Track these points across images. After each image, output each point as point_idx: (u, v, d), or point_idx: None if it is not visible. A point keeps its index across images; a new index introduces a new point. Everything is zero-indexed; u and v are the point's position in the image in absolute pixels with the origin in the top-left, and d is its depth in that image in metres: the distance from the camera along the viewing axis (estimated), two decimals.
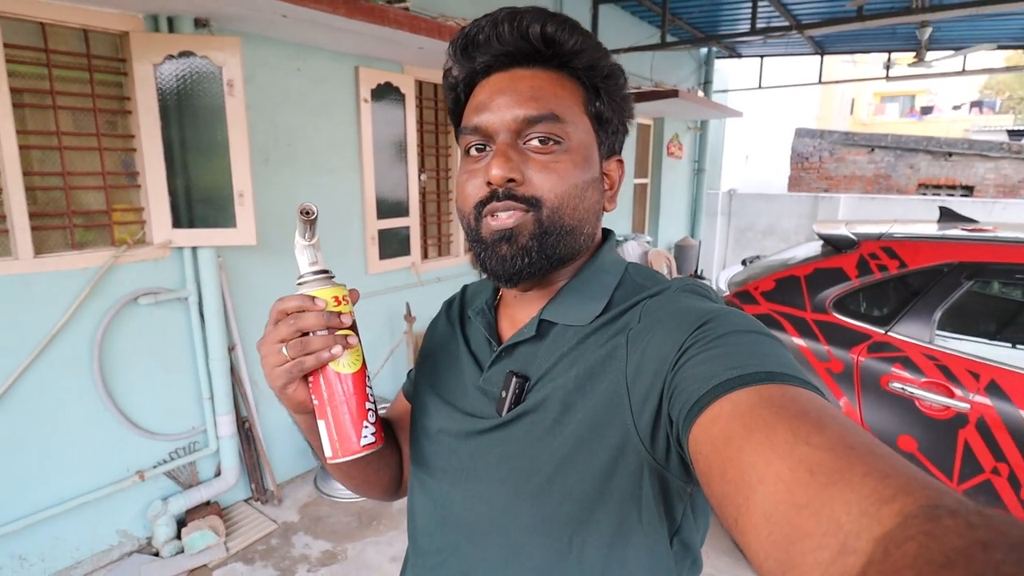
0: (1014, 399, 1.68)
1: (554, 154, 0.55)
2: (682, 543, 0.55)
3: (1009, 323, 2.09)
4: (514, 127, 0.55)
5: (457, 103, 0.62)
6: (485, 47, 0.57)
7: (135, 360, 2.25)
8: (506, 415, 0.57)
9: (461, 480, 0.60)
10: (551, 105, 0.55)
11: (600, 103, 0.59)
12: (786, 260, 2.37)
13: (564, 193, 0.55)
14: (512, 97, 0.55)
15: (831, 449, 0.32)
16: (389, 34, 2.45)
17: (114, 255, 2.13)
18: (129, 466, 2.26)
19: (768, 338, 0.47)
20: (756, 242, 7.70)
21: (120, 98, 2.16)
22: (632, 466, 0.50)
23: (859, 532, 0.27)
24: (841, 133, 9.59)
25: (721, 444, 0.38)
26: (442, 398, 0.65)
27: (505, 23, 0.55)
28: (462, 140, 0.59)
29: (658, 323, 0.52)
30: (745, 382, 0.40)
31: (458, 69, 0.60)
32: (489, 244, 0.56)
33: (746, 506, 0.34)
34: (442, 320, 0.74)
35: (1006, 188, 8.02)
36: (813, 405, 0.37)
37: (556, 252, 0.56)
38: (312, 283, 0.56)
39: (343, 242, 2.98)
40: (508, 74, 0.57)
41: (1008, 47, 5.93)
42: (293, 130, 2.67)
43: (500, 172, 0.54)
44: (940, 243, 1.95)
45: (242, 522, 2.53)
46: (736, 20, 5.39)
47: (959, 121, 20.47)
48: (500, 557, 0.56)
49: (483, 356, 0.65)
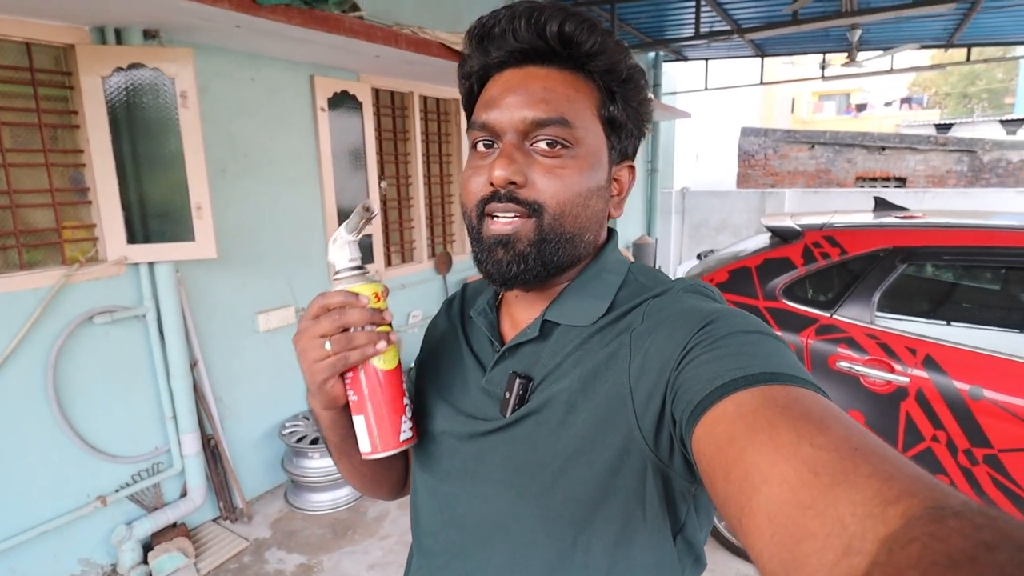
0: (948, 371, 1.82)
1: (561, 159, 0.54)
2: (685, 541, 0.55)
3: (943, 302, 2.26)
4: (522, 128, 0.54)
5: (470, 93, 0.61)
6: (500, 41, 0.55)
7: (92, 381, 2.18)
8: (510, 416, 0.56)
9: (465, 481, 0.60)
10: (562, 108, 0.54)
11: (614, 107, 0.57)
12: (738, 252, 2.49)
13: (567, 200, 0.54)
14: (523, 97, 0.54)
15: (835, 450, 0.32)
16: (345, 43, 2.46)
17: (66, 274, 2.06)
18: (90, 491, 2.18)
19: (771, 338, 0.47)
20: (710, 237, 7.96)
21: (67, 112, 2.10)
22: (636, 466, 0.51)
23: (863, 533, 0.27)
24: (784, 131, 10.02)
25: (725, 444, 0.38)
26: (445, 399, 0.64)
27: (523, 18, 0.53)
28: (470, 134, 0.59)
29: (661, 323, 0.52)
30: (749, 383, 0.40)
31: (473, 59, 0.58)
32: (487, 246, 0.56)
33: (750, 507, 0.34)
34: (442, 320, 0.74)
35: (935, 178, 8.55)
36: (817, 406, 0.37)
37: (554, 259, 0.56)
38: (352, 278, 0.56)
39: (305, 252, 2.96)
40: (522, 71, 0.56)
41: (931, 46, 6.34)
42: (250, 140, 2.64)
43: (503, 173, 0.53)
44: (875, 230, 2.09)
45: (212, 542, 2.47)
46: (681, 25, 5.59)
47: (891, 117, 21.68)
48: (505, 557, 0.56)
49: (485, 356, 0.64)
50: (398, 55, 2.75)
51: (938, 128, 14.31)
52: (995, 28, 5.59)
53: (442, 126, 3.93)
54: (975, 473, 1.80)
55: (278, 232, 2.81)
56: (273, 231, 2.78)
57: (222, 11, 1.95)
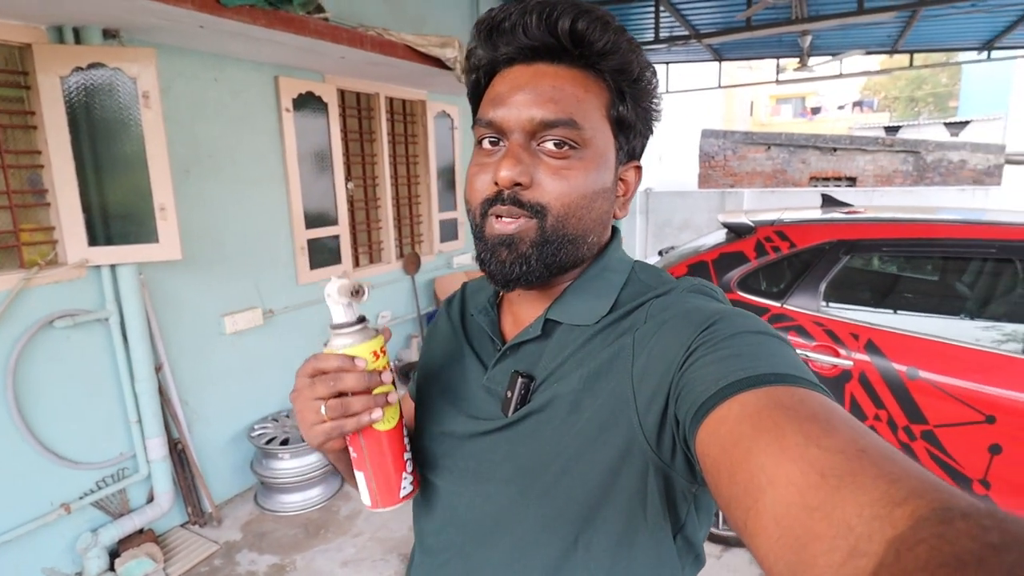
0: (888, 354, 1.96)
1: (568, 160, 0.53)
2: (685, 540, 0.55)
3: (883, 291, 2.41)
4: (529, 128, 0.53)
5: (477, 86, 0.60)
6: (510, 37, 0.54)
7: (54, 386, 2.14)
8: (512, 415, 0.56)
9: (467, 480, 0.59)
10: (571, 109, 0.53)
11: (624, 107, 0.56)
12: (696, 248, 2.60)
13: (572, 203, 0.54)
14: (531, 96, 0.53)
15: (842, 452, 0.32)
16: (310, 44, 2.47)
17: (24, 278, 2.03)
18: (53, 499, 2.14)
19: (775, 339, 0.46)
20: (673, 236, 8.17)
21: (24, 112, 2.06)
22: (638, 466, 0.50)
23: (871, 535, 0.27)
24: (742, 133, 10.34)
25: (729, 446, 0.38)
26: (446, 399, 0.64)
27: (534, 14, 0.52)
28: (476, 131, 0.57)
29: (665, 323, 0.51)
30: (753, 383, 0.40)
31: (480, 53, 0.57)
32: (490, 246, 0.55)
33: (755, 508, 0.34)
34: (443, 319, 0.73)
35: (883, 177, 8.97)
36: (823, 407, 0.37)
37: (555, 260, 0.55)
38: (349, 335, 0.53)
39: (272, 253, 2.95)
40: (531, 69, 0.54)
41: (876, 52, 6.66)
42: (214, 141, 2.63)
43: (508, 174, 0.52)
44: (821, 225, 2.23)
45: (180, 547, 2.45)
46: (642, 30, 5.74)
47: (844, 120, 22.54)
48: (507, 556, 0.56)
49: (486, 355, 0.64)
50: (364, 56, 2.78)
51: (887, 130, 14.95)
52: (934, 36, 5.93)
53: (408, 127, 3.96)
54: (914, 448, 1.93)
55: (244, 233, 2.79)
56: (239, 232, 2.77)
57: (186, 11, 1.95)
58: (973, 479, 1.88)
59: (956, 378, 1.88)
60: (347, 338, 0.53)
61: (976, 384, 1.87)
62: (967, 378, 1.88)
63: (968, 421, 1.86)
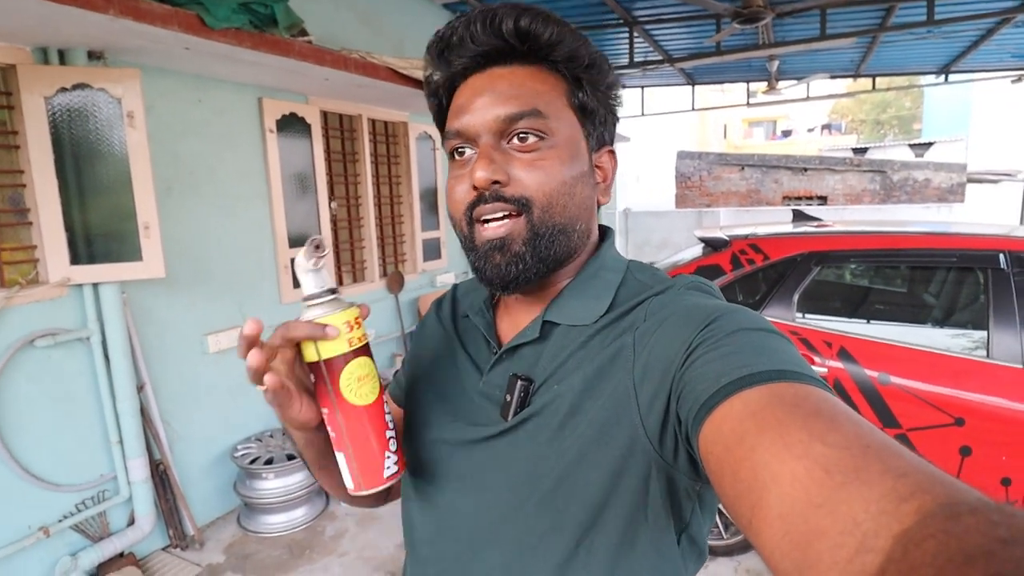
0: (860, 361, 2.03)
1: (539, 151, 0.54)
2: (690, 539, 0.55)
3: (854, 300, 2.51)
4: (495, 127, 0.54)
5: (440, 108, 0.61)
6: (460, 49, 0.56)
7: (34, 406, 2.11)
8: (512, 420, 0.55)
9: (465, 488, 0.58)
10: (532, 101, 0.54)
11: (583, 94, 0.57)
12: (675, 262, 2.68)
13: (553, 191, 0.54)
14: (491, 97, 0.54)
15: (847, 447, 0.32)
16: (294, 66, 2.52)
17: (5, 296, 2.01)
18: (31, 522, 2.09)
19: (776, 335, 0.46)
20: (653, 255, 8.32)
21: (7, 132, 2.07)
22: (640, 466, 0.50)
23: (877, 530, 0.27)
24: (716, 154, 10.64)
25: (733, 443, 0.37)
26: (440, 404, 0.63)
27: (477, 22, 0.54)
28: (446, 144, 0.58)
29: (665, 322, 0.51)
30: (755, 380, 0.40)
31: (437, 74, 0.59)
32: (482, 253, 0.56)
33: (760, 506, 0.33)
34: (432, 322, 0.72)
35: (852, 196, 9.28)
36: (826, 403, 0.37)
37: (550, 253, 0.55)
38: (319, 307, 0.53)
39: (255, 272, 2.95)
40: (486, 74, 0.56)
41: (840, 76, 6.96)
42: (196, 160, 2.64)
43: (484, 174, 0.53)
44: (793, 237, 2.32)
45: (162, 570, 2.40)
46: (617, 54, 5.92)
47: (813, 142, 23.30)
48: (506, 563, 0.55)
49: (481, 358, 0.63)
50: (347, 78, 2.83)
51: (855, 152, 15.48)
52: (894, 60, 6.22)
53: (391, 148, 4.01)
54: None
55: (227, 252, 2.80)
56: (222, 251, 2.77)
57: (173, 33, 1.99)
58: None
59: (926, 383, 1.97)
60: (318, 309, 0.52)
61: (945, 388, 1.95)
62: (936, 382, 1.96)
63: (938, 424, 1.94)
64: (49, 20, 1.81)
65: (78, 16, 1.77)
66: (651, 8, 4.37)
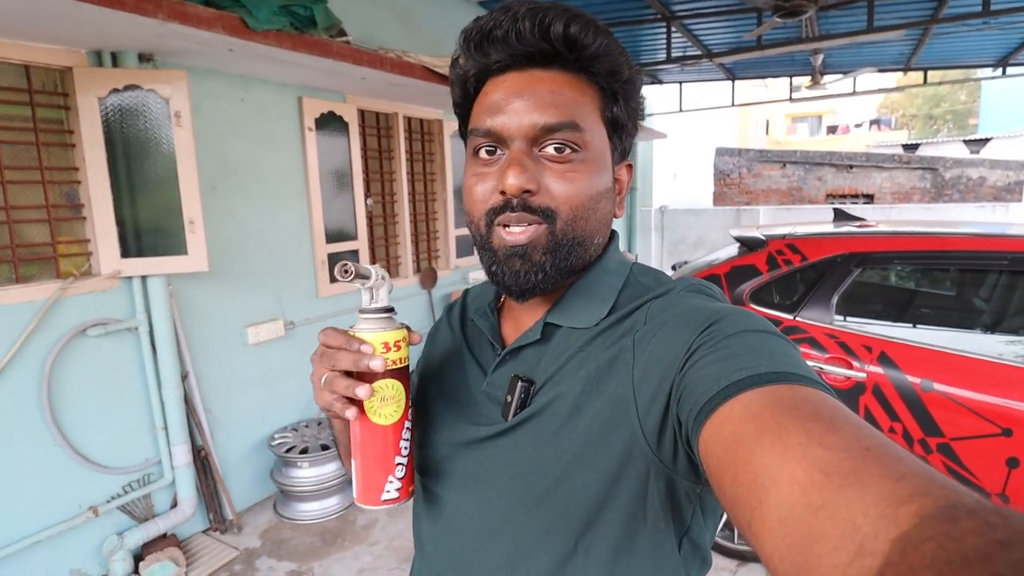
0: (901, 366, 1.96)
1: (571, 163, 0.53)
2: (692, 543, 0.55)
3: (896, 303, 2.42)
4: (531, 134, 0.53)
5: (465, 97, 0.59)
6: (502, 44, 0.53)
7: (85, 393, 2.22)
8: (512, 420, 0.56)
9: (468, 486, 0.59)
10: (571, 112, 0.53)
11: (617, 108, 0.57)
12: (709, 262, 2.63)
13: (579, 205, 0.54)
14: (530, 102, 0.53)
15: (846, 450, 0.32)
16: (332, 66, 2.58)
17: (61, 287, 2.12)
18: (81, 502, 2.21)
19: (777, 338, 0.46)
20: (688, 254, 8.17)
21: (63, 131, 2.18)
22: (639, 469, 0.50)
23: (876, 533, 0.27)
24: (756, 151, 10.37)
25: (733, 446, 0.37)
26: (447, 405, 0.64)
27: (526, 20, 0.52)
28: (471, 141, 0.57)
29: (665, 324, 0.51)
30: (755, 383, 0.40)
31: (469, 62, 0.57)
32: (501, 258, 0.55)
33: (760, 509, 0.33)
34: (443, 325, 0.73)
35: (900, 195, 8.91)
36: (825, 406, 0.37)
37: (568, 264, 0.55)
38: (367, 321, 0.55)
39: (293, 267, 3.04)
40: (525, 75, 0.54)
41: (889, 70, 6.68)
42: (239, 159, 2.73)
43: (517, 182, 0.52)
44: (833, 238, 2.25)
45: (202, 552, 2.50)
46: (655, 50, 5.83)
47: (862, 138, 22.43)
48: (506, 561, 0.56)
49: (486, 360, 0.63)
50: (383, 77, 2.88)
51: (905, 148, 14.83)
52: (948, 53, 5.94)
53: (426, 145, 4.06)
54: (930, 461, 1.92)
55: (267, 247, 2.89)
56: (262, 246, 2.86)
57: (216, 35, 2.06)
58: (992, 493, 1.86)
59: (971, 391, 1.88)
60: (365, 323, 0.55)
61: (992, 397, 1.86)
62: (983, 391, 1.87)
63: (985, 434, 1.85)
64: (102, 25, 1.90)
65: (129, 20, 1.85)
66: (689, 2, 4.29)
